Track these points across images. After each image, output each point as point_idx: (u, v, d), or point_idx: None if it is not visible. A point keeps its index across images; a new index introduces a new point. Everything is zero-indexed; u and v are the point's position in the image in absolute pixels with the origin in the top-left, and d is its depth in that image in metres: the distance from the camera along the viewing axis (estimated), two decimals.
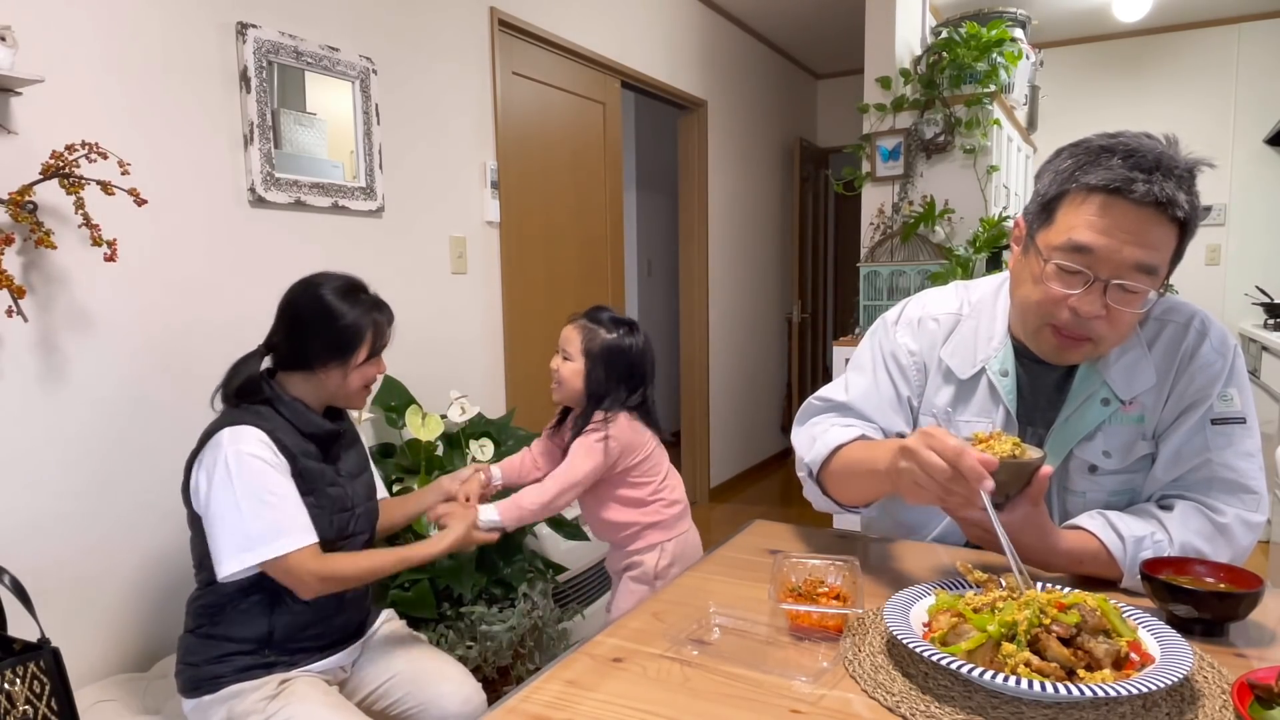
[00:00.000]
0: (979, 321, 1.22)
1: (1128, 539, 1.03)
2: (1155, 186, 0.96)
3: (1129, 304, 1.01)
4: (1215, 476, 1.08)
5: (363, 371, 1.51)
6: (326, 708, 1.38)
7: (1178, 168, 0.98)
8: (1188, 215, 0.99)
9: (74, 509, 1.69)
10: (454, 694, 1.52)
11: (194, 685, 1.43)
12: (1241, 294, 4.50)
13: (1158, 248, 0.99)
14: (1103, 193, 0.99)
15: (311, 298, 1.48)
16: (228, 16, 1.95)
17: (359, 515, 1.54)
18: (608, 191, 3.58)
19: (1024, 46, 3.54)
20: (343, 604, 1.50)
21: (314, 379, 1.48)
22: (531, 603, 2.06)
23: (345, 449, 1.57)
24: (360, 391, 1.53)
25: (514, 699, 0.84)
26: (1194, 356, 1.11)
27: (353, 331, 1.47)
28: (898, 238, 3.44)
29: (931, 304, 1.28)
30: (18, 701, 1.25)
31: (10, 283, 1.47)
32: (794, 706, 0.80)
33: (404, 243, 2.47)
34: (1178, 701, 0.79)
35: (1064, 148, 1.07)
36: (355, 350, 1.47)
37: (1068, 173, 1.03)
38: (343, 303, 1.48)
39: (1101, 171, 0.99)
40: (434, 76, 2.55)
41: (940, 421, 1.22)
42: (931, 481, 0.93)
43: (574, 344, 1.77)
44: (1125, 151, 0.99)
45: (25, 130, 1.59)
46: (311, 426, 1.48)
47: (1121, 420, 1.12)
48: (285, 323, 1.50)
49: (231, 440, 1.37)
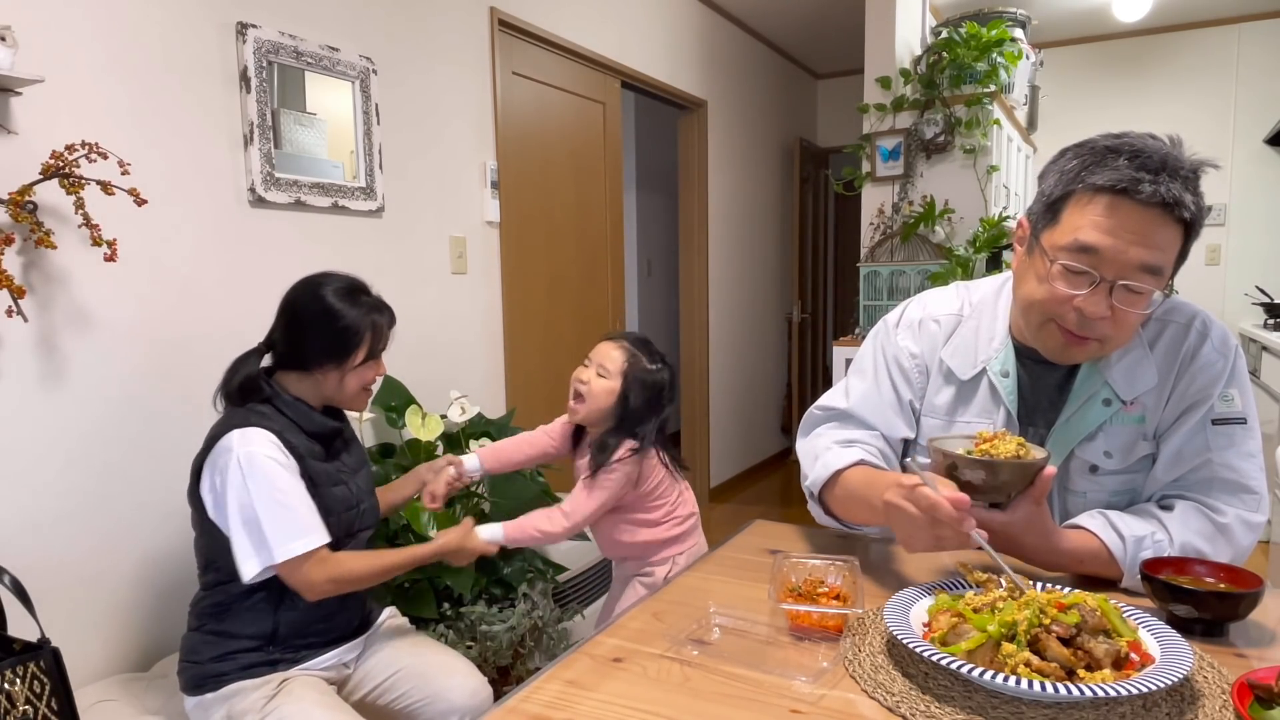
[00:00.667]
0: (980, 322, 1.22)
1: (1128, 539, 1.03)
2: (1161, 187, 0.96)
3: (1134, 305, 1.01)
4: (1216, 477, 1.08)
5: (360, 374, 1.50)
6: (321, 708, 1.38)
7: (1183, 168, 0.98)
8: (1193, 216, 0.98)
9: (74, 509, 1.69)
10: (461, 686, 1.52)
11: (197, 683, 1.43)
12: (1241, 294, 4.50)
13: (1163, 248, 0.99)
14: (1109, 193, 0.98)
15: (312, 297, 1.48)
16: (228, 16, 1.95)
17: (364, 511, 1.55)
18: (608, 191, 3.58)
19: (1024, 46, 3.54)
20: (345, 600, 1.51)
21: (311, 379, 1.48)
22: (531, 603, 2.06)
23: (346, 445, 1.58)
24: (359, 394, 1.53)
25: (514, 699, 0.84)
26: (1195, 357, 1.11)
27: (350, 333, 1.46)
28: (898, 238, 3.44)
29: (932, 305, 1.28)
30: (18, 701, 1.25)
31: (10, 283, 1.47)
32: (794, 706, 0.80)
33: (404, 243, 2.47)
34: (1178, 701, 0.79)
35: (1069, 148, 1.06)
36: (352, 352, 1.47)
37: (1073, 173, 1.03)
38: (342, 303, 1.47)
39: (1108, 172, 0.99)
40: (434, 76, 2.55)
41: (941, 425, 1.22)
42: (919, 532, 0.95)
43: (615, 363, 1.69)
44: (1131, 152, 0.98)
45: (25, 130, 1.59)
46: (314, 425, 1.48)
47: (1123, 420, 1.12)
48: (285, 321, 1.50)
49: (242, 442, 1.37)
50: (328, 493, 1.46)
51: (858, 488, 1.14)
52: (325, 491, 1.45)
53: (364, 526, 1.55)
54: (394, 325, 1.55)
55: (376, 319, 1.50)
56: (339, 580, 1.40)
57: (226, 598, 1.43)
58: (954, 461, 1.00)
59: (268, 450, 1.37)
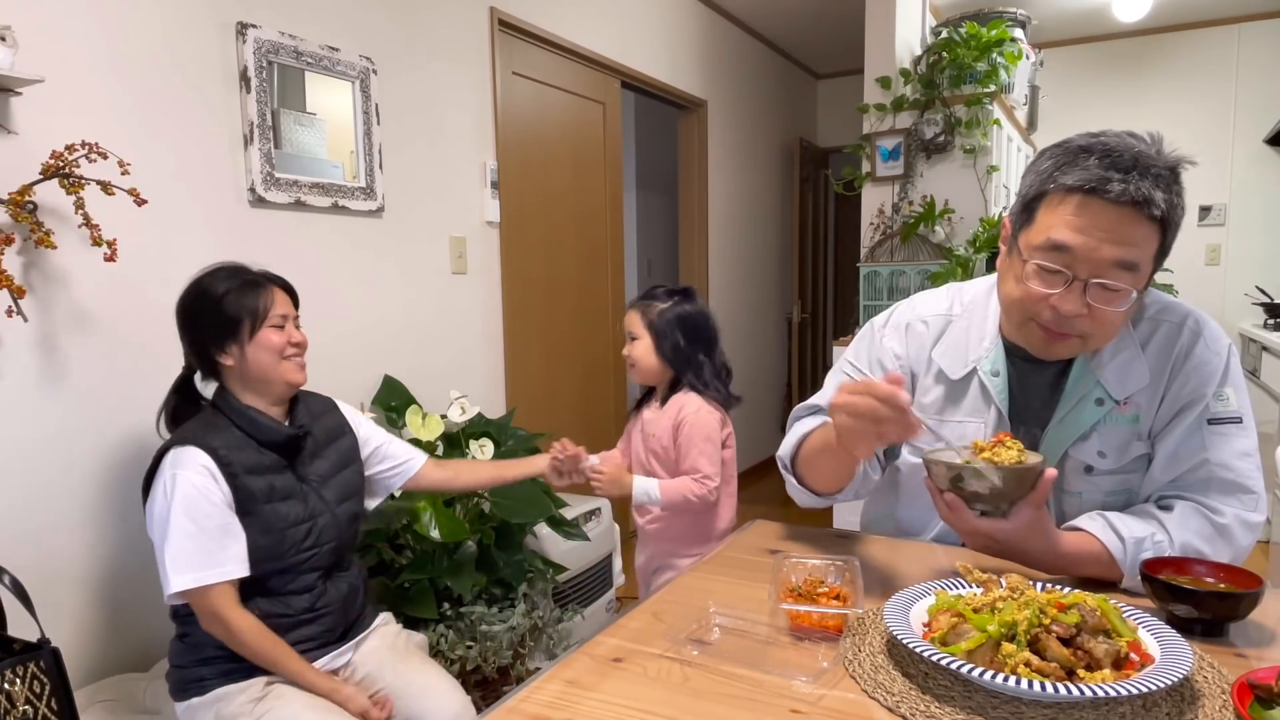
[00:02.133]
0: (971, 322, 1.23)
1: (1128, 540, 1.03)
2: (1131, 186, 0.97)
3: (1110, 302, 1.01)
4: (1213, 477, 1.08)
5: (262, 341, 1.45)
6: (310, 709, 1.38)
7: (1155, 166, 0.99)
8: (1165, 214, 0.99)
9: (74, 509, 1.69)
10: (442, 708, 1.50)
11: (182, 688, 1.44)
12: (1241, 294, 4.50)
13: (1137, 245, 1.00)
14: (1079, 193, 1.00)
15: (186, 292, 1.48)
16: (228, 16, 1.95)
17: (321, 526, 1.50)
18: (608, 191, 3.58)
19: (1024, 46, 3.54)
20: (316, 614, 1.49)
21: (235, 375, 1.47)
22: (531, 603, 2.06)
23: (315, 452, 1.55)
24: (280, 364, 1.47)
25: (514, 699, 0.84)
26: (1189, 356, 1.11)
27: (227, 303, 1.44)
28: (898, 238, 3.44)
29: (921, 307, 1.29)
30: (18, 701, 1.25)
31: (10, 283, 1.47)
32: (794, 706, 0.80)
33: (404, 243, 2.47)
34: (1178, 701, 0.79)
35: (1046, 148, 1.08)
36: (241, 322, 1.44)
37: (1047, 173, 1.04)
38: (206, 283, 1.47)
39: (1079, 172, 1.00)
40: (434, 76, 2.55)
41: (930, 425, 1.22)
42: (862, 421, 0.96)
43: (636, 324, 1.84)
44: (1103, 151, 1.00)
45: (25, 130, 1.59)
46: (266, 434, 1.46)
47: (1116, 420, 1.12)
48: (181, 327, 1.50)
49: (173, 463, 1.38)
50: (267, 510, 1.43)
51: (818, 436, 1.19)
52: (262, 509, 1.43)
53: (321, 543, 1.50)
54: (283, 286, 1.52)
55: (247, 279, 1.47)
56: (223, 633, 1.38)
57: None
58: (958, 472, 1.00)
59: (193, 474, 1.37)
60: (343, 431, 1.62)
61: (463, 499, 2.15)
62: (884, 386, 0.95)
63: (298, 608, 1.47)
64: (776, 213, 5.29)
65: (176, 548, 1.35)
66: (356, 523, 1.62)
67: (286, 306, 1.51)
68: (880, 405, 0.94)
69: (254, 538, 1.41)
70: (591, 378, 3.52)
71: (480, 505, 2.17)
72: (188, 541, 1.35)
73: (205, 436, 1.41)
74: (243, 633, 1.38)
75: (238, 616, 1.38)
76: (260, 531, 1.42)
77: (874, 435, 0.97)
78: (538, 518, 2.12)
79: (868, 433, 0.97)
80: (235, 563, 1.39)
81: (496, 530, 2.12)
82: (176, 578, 1.35)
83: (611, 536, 2.75)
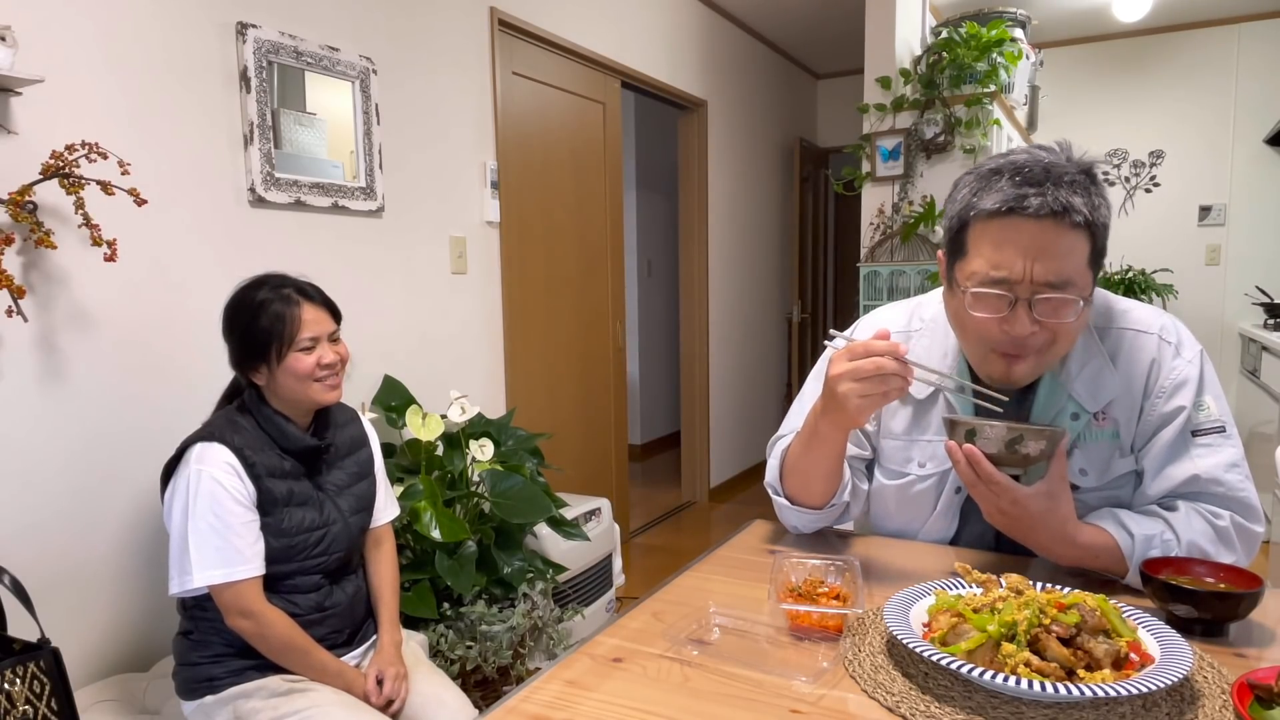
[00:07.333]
0: (932, 339, 1.21)
1: (1137, 537, 1.02)
2: (1048, 197, 0.97)
3: (1058, 314, 1.00)
4: (1204, 493, 1.07)
5: (290, 367, 1.44)
6: (342, 707, 1.38)
7: (1068, 173, 0.99)
8: (1088, 218, 0.98)
9: (74, 509, 1.69)
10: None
11: (191, 687, 1.43)
12: (1241, 294, 4.50)
13: (1067, 256, 0.99)
14: (999, 215, 1.00)
15: (228, 302, 1.49)
16: (228, 16, 1.95)
17: (334, 535, 1.50)
18: (608, 191, 3.58)
19: (1024, 46, 3.54)
20: (325, 613, 1.49)
21: (267, 388, 1.48)
22: (531, 603, 2.06)
23: (334, 463, 1.56)
24: (310, 385, 1.46)
25: (514, 699, 0.84)
26: (1163, 366, 1.10)
27: (255, 326, 1.44)
28: (898, 238, 3.44)
29: (881, 323, 1.27)
30: (18, 701, 1.25)
31: (10, 283, 1.47)
32: (794, 706, 0.80)
33: (404, 243, 2.47)
34: (1178, 701, 0.79)
35: (960, 178, 1.08)
36: (269, 346, 1.44)
37: (965, 202, 1.05)
38: (247, 297, 1.46)
39: (994, 194, 1.00)
40: (434, 76, 2.55)
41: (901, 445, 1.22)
42: (866, 383, 0.98)
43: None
44: (1013, 169, 1.00)
45: (25, 130, 1.59)
46: (290, 442, 1.47)
47: (1096, 437, 1.11)
48: (223, 335, 1.50)
49: (199, 458, 1.38)
50: (285, 513, 1.44)
51: (803, 438, 1.16)
52: (281, 512, 1.44)
53: (331, 551, 1.50)
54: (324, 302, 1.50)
55: (281, 296, 1.46)
56: (252, 628, 1.38)
57: (204, 599, 1.42)
58: (973, 428, 0.99)
59: (219, 471, 1.37)
60: (363, 443, 1.63)
61: (463, 499, 2.15)
62: (882, 343, 0.98)
63: (305, 607, 1.47)
64: (776, 213, 5.29)
65: (203, 542, 1.35)
66: (366, 533, 1.63)
67: (319, 326, 1.47)
68: (886, 360, 0.96)
69: (268, 539, 1.42)
70: (591, 377, 3.52)
71: (480, 505, 2.17)
72: (214, 537, 1.35)
73: (230, 435, 1.41)
74: (273, 625, 1.39)
75: (267, 610, 1.39)
76: (274, 534, 1.42)
77: (879, 397, 0.99)
78: (538, 518, 2.12)
79: (873, 394, 0.98)
80: (260, 559, 1.40)
81: (496, 530, 2.12)
82: (203, 573, 1.35)
83: (611, 536, 2.75)
